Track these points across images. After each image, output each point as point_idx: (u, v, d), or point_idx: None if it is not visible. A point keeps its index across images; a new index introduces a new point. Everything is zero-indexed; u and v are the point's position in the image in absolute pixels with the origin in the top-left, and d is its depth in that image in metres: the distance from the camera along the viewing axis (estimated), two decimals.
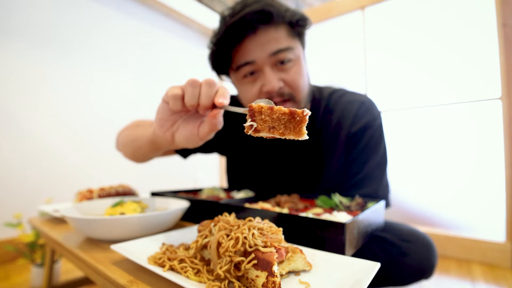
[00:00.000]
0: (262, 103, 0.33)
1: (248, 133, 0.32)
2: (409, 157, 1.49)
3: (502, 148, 1.23)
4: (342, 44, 1.73)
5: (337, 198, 0.54)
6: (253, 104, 0.31)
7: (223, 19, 0.60)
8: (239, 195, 0.70)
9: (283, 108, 0.30)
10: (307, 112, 0.30)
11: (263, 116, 0.31)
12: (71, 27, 1.45)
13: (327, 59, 1.80)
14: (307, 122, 0.30)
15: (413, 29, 1.49)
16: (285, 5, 0.61)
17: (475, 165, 1.31)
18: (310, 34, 0.70)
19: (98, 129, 1.55)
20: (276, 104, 0.56)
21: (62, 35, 1.42)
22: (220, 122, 0.44)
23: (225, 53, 0.61)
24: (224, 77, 0.69)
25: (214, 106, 0.42)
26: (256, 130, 0.31)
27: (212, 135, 0.46)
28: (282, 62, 0.59)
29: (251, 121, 0.31)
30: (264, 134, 0.32)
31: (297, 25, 0.61)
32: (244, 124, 0.32)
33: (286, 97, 0.61)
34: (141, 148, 0.63)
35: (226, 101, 0.41)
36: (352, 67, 1.69)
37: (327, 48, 1.80)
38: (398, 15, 1.53)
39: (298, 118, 0.30)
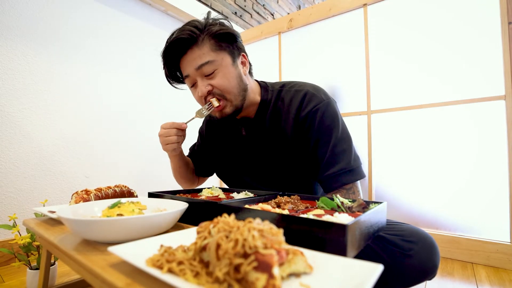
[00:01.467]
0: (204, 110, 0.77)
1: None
2: (411, 157, 1.49)
3: (506, 148, 1.23)
4: (344, 42, 1.73)
5: (338, 199, 0.54)
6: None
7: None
8: (239, 195, 0.70)
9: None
10: None
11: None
12: (72, 27, 1.45)
13: (328, 58, 1.80)
14: None
15: (415, 27, 1.49)
16: (216, 22, 0.75)
17: (478, 166, 1.31)
18: (310, 32, 0.75)
19: (95, 129, 1.54)
20: (209, 101, 0.76)
21: (61, 35, 1.41)
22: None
23: (171, 71, 0.80)
24: (179, 85, 0.86)
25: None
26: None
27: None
28: (207, 73, 0.73)
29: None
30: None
31: (220, 40, 0.74)
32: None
33: (218, 97, 0.76)
34: (180, 173, 0.96)
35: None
36: (354, 66, 1.69)
37: (328, 46, 1.81)
38: (400, 13, 1.54)
39: None
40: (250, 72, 0.83)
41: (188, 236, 0.44)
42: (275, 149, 0.81)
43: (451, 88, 1.39)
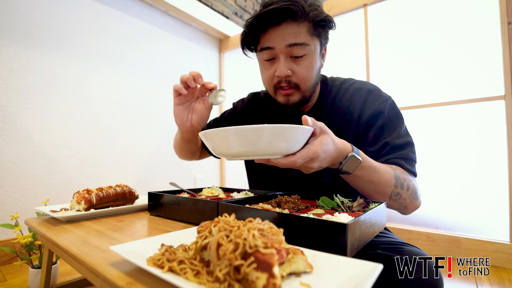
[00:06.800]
0: None
1: None
2: None
3: (506, 147, 1.23)
4: (344, 43, 1.73)
5: (338, 198, 0.54)
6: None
7: (261, 7, 0.69)
8: (239, 195, 0.70)
9: None
10: None
11: None
12: (74, 28, 1.45)
13: (328, 57, 1.80)
14: None
15: (415, 27, 1.49)
16: (314, 4, 0.67)
17: (478, 166, 1.31)
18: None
19: (96, 129, 1.55)
20: (281, 89, 0.71)
21: (62, 35, 1.41)
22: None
23: (252, 37, 0.72)
24: (250, 54, 0.79)
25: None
26: None
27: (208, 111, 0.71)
28: (296, 55, 0.67)
29: None
30: None
31: (318, 26, 0.68)
32: None
33: (292, 85, 0.70)
34: (178, 145, 0.87)
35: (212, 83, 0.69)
36: (354, 66, 1.69)
37: (328, 46, 1.80)
38: (400, 13, 1.54)
39: None
40: None
41: (189, 235, 0.44)
42: None
43: (451, 88, 1.39)
